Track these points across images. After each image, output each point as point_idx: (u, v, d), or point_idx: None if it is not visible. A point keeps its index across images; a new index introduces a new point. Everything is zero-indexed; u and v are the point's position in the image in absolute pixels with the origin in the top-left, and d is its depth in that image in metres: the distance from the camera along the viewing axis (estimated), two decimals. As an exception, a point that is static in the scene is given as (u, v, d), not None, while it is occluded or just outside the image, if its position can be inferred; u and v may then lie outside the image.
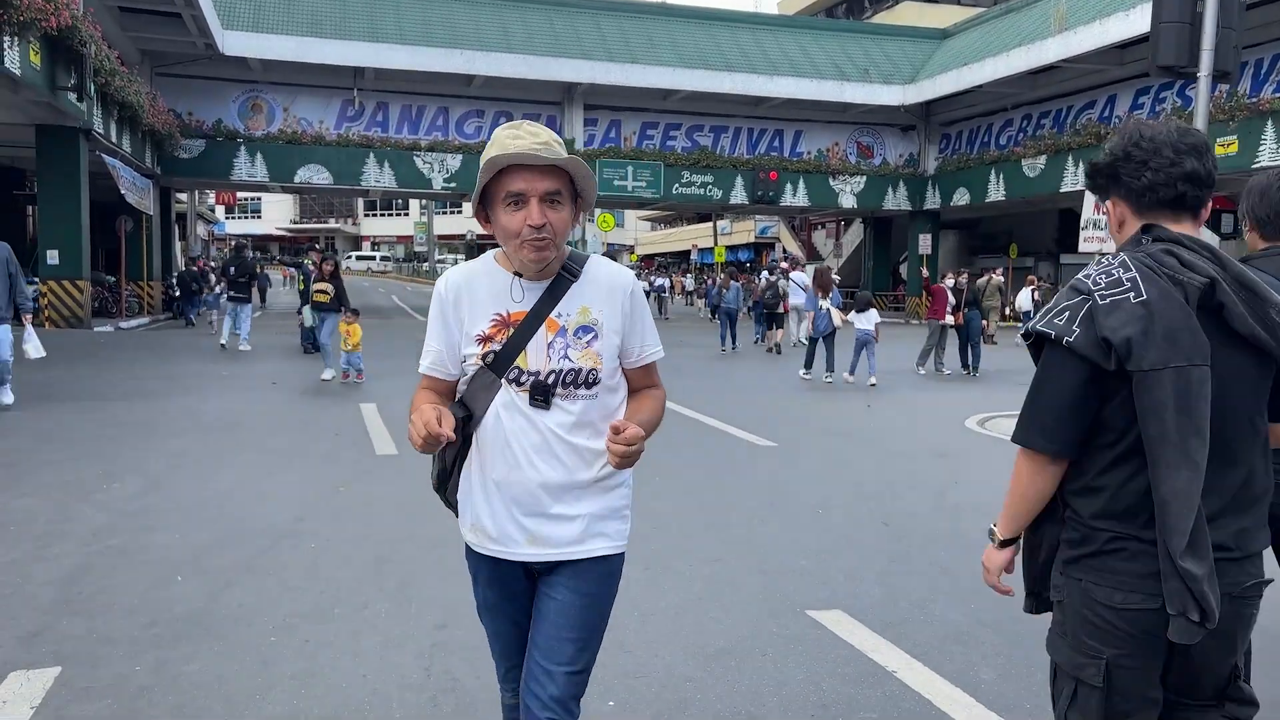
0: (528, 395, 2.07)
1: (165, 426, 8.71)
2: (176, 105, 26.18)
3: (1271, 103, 20.44)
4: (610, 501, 2.17)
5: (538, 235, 2.01)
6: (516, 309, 2.09)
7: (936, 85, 29.47)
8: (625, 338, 2.14)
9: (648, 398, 2.21)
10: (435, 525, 5.59)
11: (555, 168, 2.02)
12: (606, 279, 2.15)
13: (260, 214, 75.48)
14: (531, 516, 2.11)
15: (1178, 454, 1.82)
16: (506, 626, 2.25)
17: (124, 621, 3.98)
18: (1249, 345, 1.92)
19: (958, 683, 3.55)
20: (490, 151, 2.02)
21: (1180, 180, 1.97)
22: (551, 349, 2.08)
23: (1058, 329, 1.92)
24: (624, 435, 1.97)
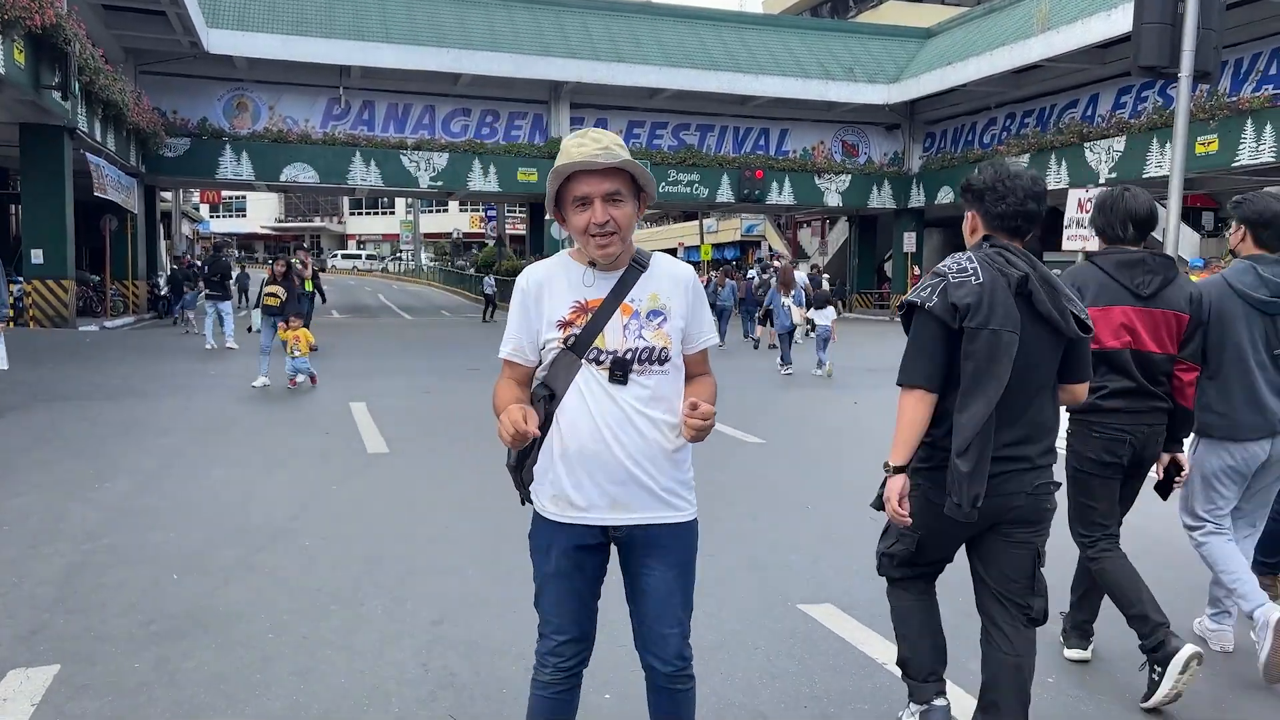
0: (607, 372, 2.30)
1: (155, 426, 8.72)
2: (161, 104, 26.06)
3: (1251, 102, 20.64)
4: (681, 474, 2.38)
5: (602, 231, 2.26)
6: (593, 296, 2.32)
7: (920, 84, 29.62)
8: (687, 324, 2.39)
9: (705, 382, 2.46)
10: (430, 523, 5.65)
11: (616, 169, 2.26)
12: (670, 271, 2.41)
13: (245, 213, 75.08)
14: (615, 484, 2.30)
15: (978, 390, 2.66)
16: (571, 598, 2.38)
17: (121, 619, 4.01)
18: (1048, 324, 2.74)
19: (948, 675, 3.61)
20: (558, 161, 2.27)
21: (1021, 215, 2.82)
22: (627, 330, 2.31)
23: (922, 298, 2.76)
24: (700, 410, 2.22)
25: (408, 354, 16.62)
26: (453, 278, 47.56)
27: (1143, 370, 3.48)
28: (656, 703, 2.49)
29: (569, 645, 2.40)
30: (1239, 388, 3.67)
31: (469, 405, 10.51)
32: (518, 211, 51.87)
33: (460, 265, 54.13)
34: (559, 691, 2.42)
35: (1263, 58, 21.23)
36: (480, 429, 9.00)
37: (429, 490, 6.46)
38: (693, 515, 2.41)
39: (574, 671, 2.42)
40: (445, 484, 6.66)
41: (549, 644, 2.41)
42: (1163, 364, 3.50)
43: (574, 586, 2.38)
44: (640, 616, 2.41)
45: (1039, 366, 2.76)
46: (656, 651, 2.40)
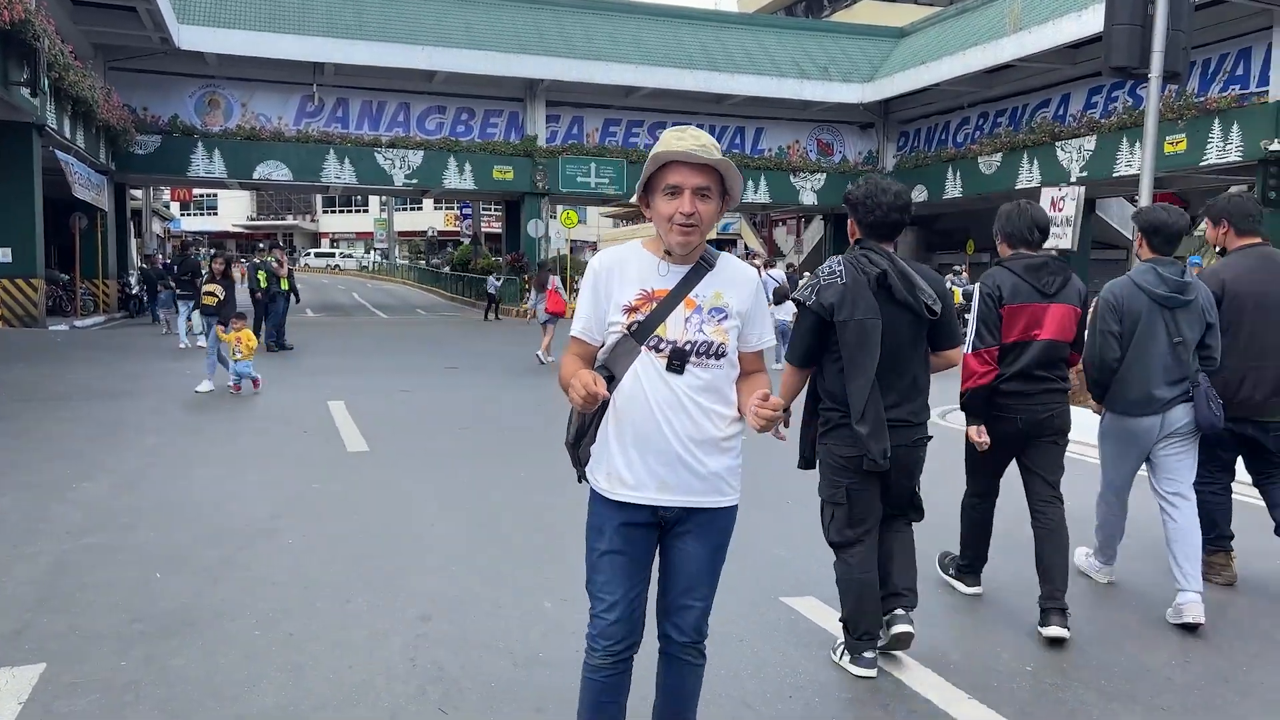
0: (665, 361, 2.40)
1: (134, 425, 8.66)
2: (131, 100, 25.78)
3: (1218, 102, 20.96)
4: (729, 461, 2.50)
5: (687, 221, 2.36)
6: (660, 286, 2.43)
7: (894, 83, 29.82)
8: (746, 324, 2.50)
9: (760, 379, 2.56)
10: (413, 521, 5.66)
11: (708, 167, 2.37)
12: (737, 272, 2.52)
13: (216, 211, 74.35)
14: (666, 466, 2.41)
15: (856, 368, 3.46)
16: (622, 575, 2.47)
17: (107, 618, 4.00)
18: (906, 307, 3.52)
19: (928, 664, 3.69)
20: (657, 148, 2.39)
21: (887, 224, 3.63)
22: (689, 323, 2.41)
23: (803, 296, 3.58)
24: (771, 402, 2.36)
25: (384, 353, 16.57)
26: (428, 276, 47.38)
27: (1047, 357, 4.09)
28: (666, 673, 2.62)
29: (618, 625, 2.47)
30: (1137, 370, 4.25)
31: (448, 404, 10.51)
32: (493, 210, 51.73)
33: (435, 264, 53.91)
34: (608, 676, 2.51)
35: (1230, 59, 21.55)
36: (460, 428, 9.00)
37: (411, 488, 6.46)
38: (735, 501, 2.53)
39: (623, 657, 2.50)
40: (427, 482, 6.67)
41: (599, 624, 2.48)
42: (1062, 350, 4.15)
43: (625, 564, 2.47)
44: (666, 587, 2.55)
45: (905, 344, 3.56)
46: (677, 621, 2.54)
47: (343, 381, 12.12)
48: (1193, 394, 4.23)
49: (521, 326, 23.59)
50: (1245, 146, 20.14)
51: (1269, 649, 3.96)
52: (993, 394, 4.11)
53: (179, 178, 29.30)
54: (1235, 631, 4.15)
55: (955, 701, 3.38)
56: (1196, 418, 4.24)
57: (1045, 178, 24.91)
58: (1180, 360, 4.22)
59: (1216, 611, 4.37)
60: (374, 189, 35.49)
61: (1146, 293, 4.22)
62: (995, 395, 4.11)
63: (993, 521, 4.46)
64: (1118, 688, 3.53)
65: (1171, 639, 4.03)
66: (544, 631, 3.93)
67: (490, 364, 14.87)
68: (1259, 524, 5.15)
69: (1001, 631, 4.07)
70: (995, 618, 4.24)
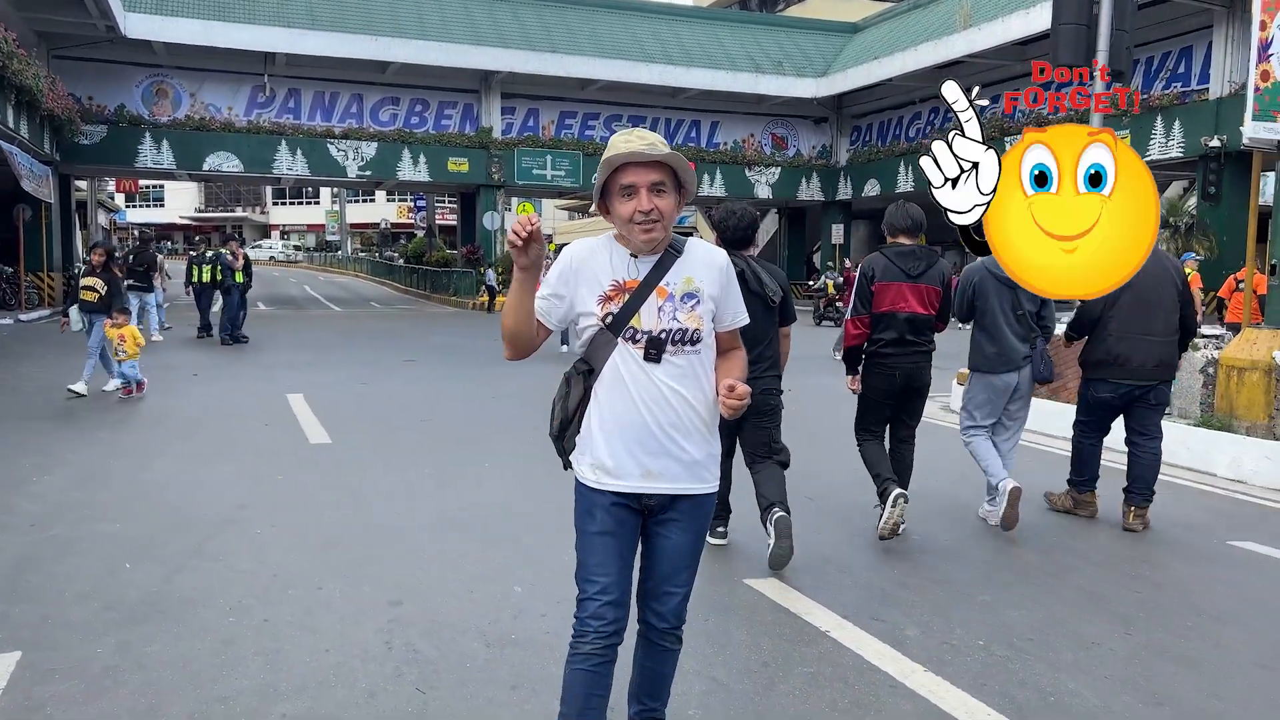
0: (642, 351, 2.46)
1: (90, 419, 8.58)
2: (76, 90, 25.22)
3: (1161, 99, 21.53)
4: (709, 448, 2.58)
5: (647, 218, 2.43)
6: (631, 277, 2.49)
7: (848, 78, 30.18)
8: (720, 305, 2.56)
9: (736, 356, 2.66)
10: (379, 510, 5.72)
11: (660, 164, 2.44)
12: (705, 255, 2.58)
13: (163, 202, 72.94)
14: (649, 454, 2.48)
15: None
16: (614, 557, 2.51)
17: (78, 607, 4.02)
18: (758, 296, 4.61)
19: (885, 639, 3.85)
20: (607, 154, 2.47)
21: (738, 239, 4.90)
22: (662, 311, 2.47)
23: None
24: (737, 391, 2.42)
25: (341, 346, 16.47)
26: (380, 268, 46.95)
27: (912, 327, 5.20)
28: (645, 657, 2.70)
29: (611, 607, 2.49)
30: (993, 336, 5.53)
31: (408, 396, 10.52)
32: (447, 202, 51.40)
33: (389, 256, 53.44)
34: (598, 664, 2.51)
35: (1171, 57, 22.14)
36: (422, 419, 9.04)
37: (375, 479, 6.51)
38: (715, 488, 2.62)
39: (612, 642, 2.52)
40: (391, 473, 6.72)
41: (592, 606, 2.50)
42: (927, 321, 5.24)
43: (616, 545, 2.52)
44: (649, 572, 2.62)
45: (759, 321, 4.47)
46: (657, 607, 2.63)
47: (300, 375, 12.07)
48: (1031, 354, 5.51)
49: (479, 318, 23.55)
50: (1186, 143, 20.71)
51: (1205, 623, 4.18)
52: (875, 355, 5.30)
53: (126, 169, 28.76)
54: (1172, 606, 4.37)
55: (911, 674, 3.54)
56: (1033, 371, 5.53)
57: (994, 172, 25.34)
58: (1025, 326, 5.51)
59: (1159, 591, 4.60)
60: (327, 180, 35.08)
61: (994, 275, 5.39)
62: (878, 357, 5.29)
63: (885, 449, 5.47)
64: (1063, 658, 3.72)
65: (1114, 614, 4.23)
66: (515, 614, 4.02)
67: (448, 356, 14.87)
68: (1226, 510, 5.38)
69: (956, 609, 4.25)
70: (949, 596, 4.42)
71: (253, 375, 12.01)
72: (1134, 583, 4.68)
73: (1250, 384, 7.50)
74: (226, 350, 15.03)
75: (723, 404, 2.46)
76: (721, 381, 2.50)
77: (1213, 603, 4.43)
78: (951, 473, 7.06)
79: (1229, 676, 3.63)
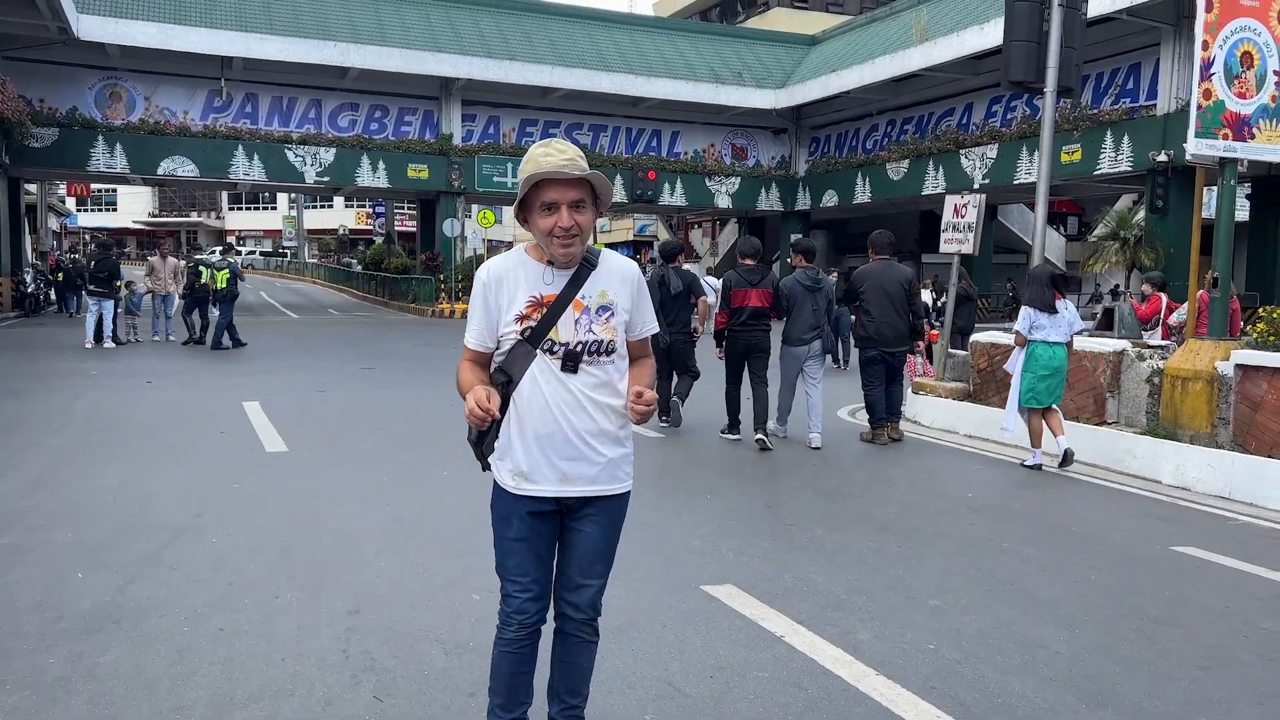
0: (560, 362, 2.57)
1: (39, 425, 8.44)
2: (27, 91, 24.73)
3: (1110, 115, 22.02)
4: (624, 449, 2.72)
5: (566, 234, 2.52)
6: (548, 291, 2.58)
7: (807, 90, 30.47)
8: (632, 315, 2.69)
9: (646, 364, 2.78)
10: (337, 518, 5.70)
11: (580, 180, 2.51)
12: (619, 268, 2.69)
13: (116, 206, 71.61)
14: (566, 460, 2.60)
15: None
16: (534, 560, 2.66)
17: (29, 617, 3.98)
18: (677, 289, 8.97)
19: (839, 644, 3.92)
20: (527, 169, 2.52)
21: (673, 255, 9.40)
22: (578, 324, 2.58)
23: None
24: (645, 398, 2.55)
25: (298, 353, 16.32)
26: (338, 275, 46.52)
27: (754, 314, 8.44)
28: (563, 650, 2.79)
29: (532, 602, 2.67)
30: (798, 322, 8.55)
31: (366, 404, 10.47)
32: (407, 208, 51.09)
33: (346, 262, 52.97)
34: (523, 646, 2.70)
35: (1120, 73, 22.65)
36: (379, 427, 9.00)
37: (332, 487, 6.48)
38: (629, 487, 2.74)
39: (535, 628, 2.70)
40: (348, 480, 6.69)
41: (515, 603, 2.66)
42: (764, 311, 8.47)
43: (534, 549, 2.66)
44: (564, 565, 2.73)
45: (681, 311, 9.00)
46: (574, 599, 2.73)
47: (256, 382, 11.95)
48: (822, 335, 8.63)
49: (438, 325, 23.43)
50: (1135, 157, 21.18)
51: (1147, 626, 4.30)
52: (732, 332, 8.52)
53: (78, 172, 28.22)
54: (1116, 610, 4.49)
55: (864, 677, 3.61)
56: (821, 345, 8.69)
57: (950, 184, 25.77)
58: (817, 317, 8.54)
59: (1104, 595, 4.72)
60: (284, 186, 34.75)
61: (800, 284, 8.57)
62: (734, 333, 8.52)
63: (740, 399, 8.69)
64: (1010, 661, 3.81)
65: (1060, 617, 4.34)
66: (472, 621, 4.04)
67: (406, 363, 14.79)
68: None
69: (908, 613, 4.33)
70: (901, 601, 4.50)
71: (208, 383, 11.87)
72: (1080, 587, 4.80)
73: (1194, 394, 7.70)
74: (183, 357, 14.85)
75: (631, 410, 2.57)
76: (631, 388, 2.62)
77: (1155, 606, 4.56)
78: (910, 486, 7.18)
79: (1170, 678, 3.74)
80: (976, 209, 9.79)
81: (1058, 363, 7.64)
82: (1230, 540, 5.81)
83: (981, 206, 9.81)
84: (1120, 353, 8.43)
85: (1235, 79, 7.89)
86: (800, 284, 8.46)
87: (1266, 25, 7.97)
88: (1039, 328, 7.66)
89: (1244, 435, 7.30)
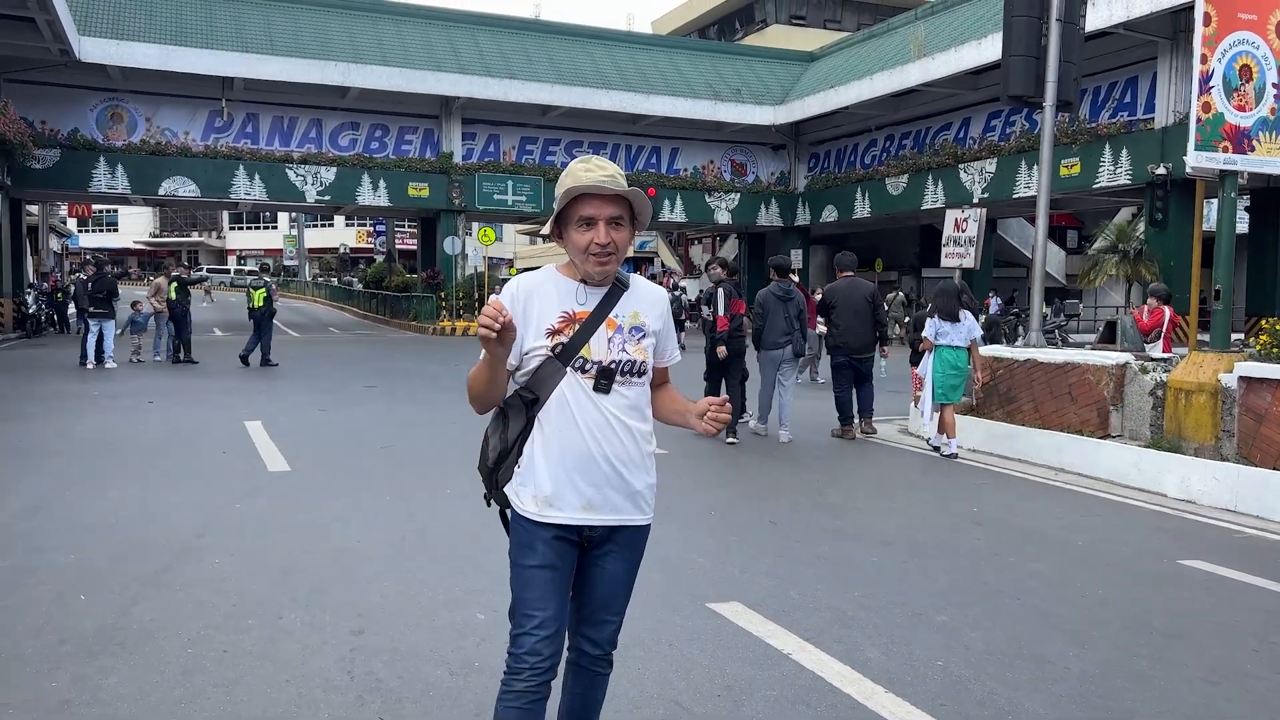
0: (592, 380, 2.45)
1: (40, 447, 8.42)
2: (28, 113, 24.87)
3: (1108, 128, 22.09)
4: (649, 478, 2.56)
5: (603, 251, 2.44)
6: (581, 309, 2.48)
7: (805, 106, 30.59)
8: (660, 340, 2.61)
9: (673, 391, 2.73)
10: (339, 537, 5.67)
11: (619, 197, 2.44)
12: (649, 292, 2.61)
13: (117, 227, 71.82)
14: (593, 486, 2.45)
15: None
16: (556, 591, 2.47)
17: (32, 640, 3.95)
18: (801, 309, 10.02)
19: (847, 661, 3.89)
20: (566, 183, 2.44)
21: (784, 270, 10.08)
22: (611, 343, 2.48)
23: None
24: (727, 407, 2.51)
25: (300, 373, 16.33)
26: (339, 293, 46.57)
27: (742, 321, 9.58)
28: (575, 683, 2.67)
29: (548, 642, 2.43)
30: (773, 329, 9.47)
31: (369, 423, 10.45)
32: (407, 226, 51.19)
33: (348, 281, 53.05)
34: (531, 702, 2.41)
35: (1118, 87, 22.74)
36: (382, 446, 8.98)
37: (335, 506, 6.46)
38: (651, 517, 2.60)
39: (547, 678, 2.44)
40: (351, 500, 6.67)
41: (529, 641, 2.42)
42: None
43: (556, 579, 2.47)
44: (584, 600, 2.59)
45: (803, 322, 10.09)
46: (592, 635, 2.61)
47: (259, 401, 11.94)
48: (793, 340, 9.51)
49: (440, 342, 23.43)
50: (1134, 170, 21.24)
51: (1157, 640, 4.28)
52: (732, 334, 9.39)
53: (80, 193, 28.35)
54: (1125, 625, 4.47)
55: (872, 695, 3.59)
56: (793, 349, 9.53)
57: (949, 198, 25.83)
58: (790, 325, 9.49)
59: (1112, 610, 4.70)
60: (285, 205, 34.84)
61: (774, 295, 9.51)
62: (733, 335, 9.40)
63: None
64: (1020, 678, 3.79)
65: (1069, 633, 4.32)
66: (478, 641, 4.02)
67: (409, 381, 14.78)
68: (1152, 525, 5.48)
69: (916, 630, 4.31)
70: (909, 617, 4.48)
71: (210, 402, 11.86)
72: (1088, 602, 4.78)
73: (1198, 406, 7.69)
74: (185, 377, 14.85)
75: (713, 419, 2.49)
76: (668, 401, 2.65)
77: (1164, 620, 4.53)
78: (914, 501, 7.16)
79: (1180, 692, 3.72)
80: (977, 223, 9.81)
81: (960, 364, 8.85)
82: (1237, 553, 5.78)
83: (982, 221, 9.83)
84: (1123, 365, 8.42)
85: (1234, 92, 7.91)
86: (774, 295, 9.44)
87: (1265, 39, 8.00)
88: (944, 334, 8.85)
89: (1248, 447, 7.27)
